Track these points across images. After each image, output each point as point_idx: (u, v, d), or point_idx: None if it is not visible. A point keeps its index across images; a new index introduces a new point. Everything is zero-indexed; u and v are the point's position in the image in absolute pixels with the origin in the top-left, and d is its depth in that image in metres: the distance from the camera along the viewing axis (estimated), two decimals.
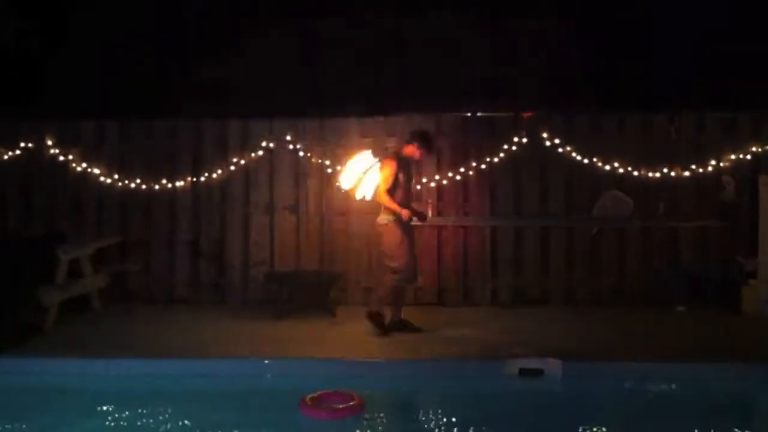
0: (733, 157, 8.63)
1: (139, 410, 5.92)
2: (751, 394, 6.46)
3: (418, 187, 8.76)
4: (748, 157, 8.63)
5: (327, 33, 10.27)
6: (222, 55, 10.10)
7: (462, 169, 8.81)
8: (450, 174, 8.81)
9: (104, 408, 5.97)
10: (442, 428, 5.71)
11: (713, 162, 8.64)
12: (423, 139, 7.58)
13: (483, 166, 8.77)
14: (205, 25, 10.08)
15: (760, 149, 8.62)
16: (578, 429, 5.56)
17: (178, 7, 10.24)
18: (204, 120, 9.06)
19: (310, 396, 5.70)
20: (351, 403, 5.65)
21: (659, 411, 6.02)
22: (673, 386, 6.34)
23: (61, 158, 8.97)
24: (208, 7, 10.22)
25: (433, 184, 8.77)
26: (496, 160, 8.76)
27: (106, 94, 9.82)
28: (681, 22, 9.67)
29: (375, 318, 7.52)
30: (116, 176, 8.96)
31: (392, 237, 7.41)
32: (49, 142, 8.98)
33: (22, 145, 9.00)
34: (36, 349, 7.04)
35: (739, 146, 8.64)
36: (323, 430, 5.60)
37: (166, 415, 5.81)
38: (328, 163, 8.82)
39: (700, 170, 8.65)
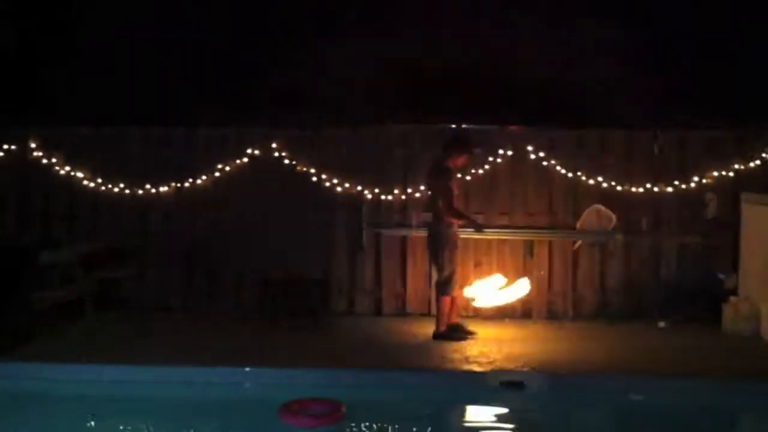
0: (715, 174, 8.74)
1: (131, 416, 5.96)
2: (731, 411, 6.52)
3: (403, 197, 8.85)
4: (731, 174, 8.74)
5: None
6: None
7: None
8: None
9: (96, 414, 6.00)
10: None
11: (696, 178, 8.75)
12: (462, 143, 7.87)
13: (468, 178, 8.86)
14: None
15: (742, 166, 8.73)
16: None
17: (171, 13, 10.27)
18: (198, 128, 9.13)
19: (290, 403, 5.75)
20: (331, 411, 5.72)
21: (639, 425, 6.10)
22: (653, 401, 6.40)
23: (54, 163, 9.01)
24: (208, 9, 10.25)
25: (418, 195, 8.84)
26: (480, 172, 8.85)
27: (104, 100, 9.86)
28: (663, 39, 9.77)
29: (445, 335, 7.72)
30: (110, 182, 9.01)
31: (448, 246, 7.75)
32: (35, 145, 9.02)
33: (14, 149, 9.05)
34: (28, 355, 7.09)
35: (722, 163, 8.75)
36: None
37: (157, 422, 5.85)
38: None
39: (683, 186, 8.76)
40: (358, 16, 10.19)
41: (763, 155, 8.71)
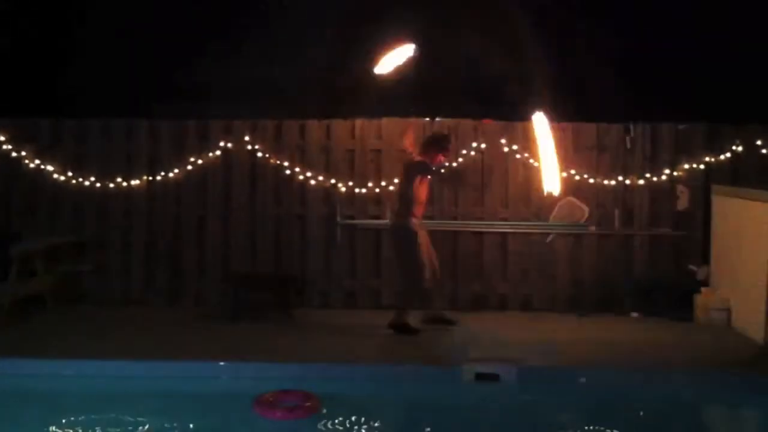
0: (686, 166, 8.79)
1: (93, 411, 5.84)
2: (702, 400, 6.58)
3: (377, 190, 8.79)
4: (702, 167, 8.79)
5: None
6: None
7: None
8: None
9: (57, 409, 5.88)
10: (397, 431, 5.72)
11: (667, 171, 8.79)
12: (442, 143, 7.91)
13: (443, 171, 8.81)
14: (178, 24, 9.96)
15: (713, 159, 8.78)
16: None
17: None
18: (161, 120, 8.97)
19: (264, 395, 5.69)
20: (306, 403, 5.66)
21: (612, 415, 6.10)
22: (626, 391, 6.41)
23: (15, 155, 8.82)
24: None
25: (392, 188, 8.78)
26: (455, 165, 8.82)
27: (65, 92, 9.66)
28: (636, 33, 9.80)
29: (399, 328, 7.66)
30: (71, 175, 8.83)
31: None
32: (2, 139, 8.82)
33: None
34: None
35: (693, 156, 8.80)
36: (278, 429, 5.58)
37: (120, 417, 5.73)
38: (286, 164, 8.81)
39: (654, 179, 8.80)
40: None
41: (734, 148, 8.77)
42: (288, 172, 8.83)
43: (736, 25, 9.32)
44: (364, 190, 8.84)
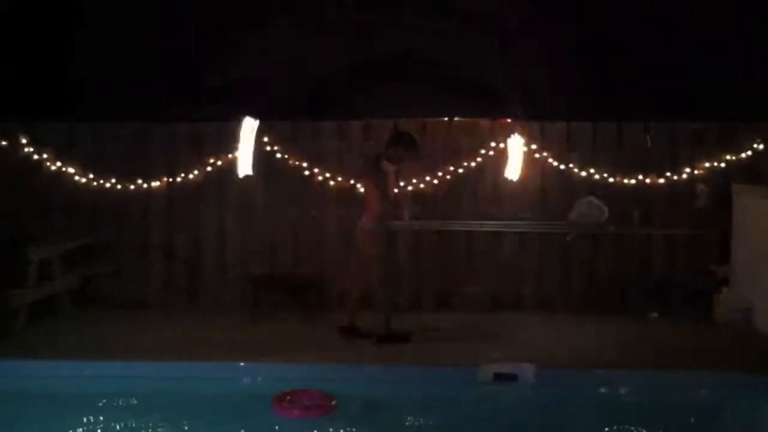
0: (706, 165, 8.72)
1: (112, 413, 5.87)
2: (723, 403, 6.51)
3: (395, 191, 8.75)
4: (722, 165, 8.72)
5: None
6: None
7: (440, 174, 8.82)
8: (427, 178, 8.81)
9: (76, 410, 5.91)
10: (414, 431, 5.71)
11: (687, 170, 8.72)
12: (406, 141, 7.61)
13: (461, 171, 8.80)
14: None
15: (733, 158, 8.71)
16: None
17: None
18: (179, 122, 9.01)
19: (282, 394, 5.71)
20: (323, 403, 5.68)
21: (632, 417, 6.05)
22: (645, 393, 6.37)
23: (33, 158, 8.87)
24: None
25: (410, 188, 8.77)
26: (473, 164, 8.79)
27: (80, 95, 9.70)
28: (655, 33, 9.73)
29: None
30: (89, 177, 8.88)
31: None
32: (23, 142, 8.88)
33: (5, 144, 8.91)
34: (5, 352, 6.92)
35: (713, 155, 8.73)
36: (296, 428, 5.58)
37: (140, 418, 5.76)
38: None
39: (674, 178, 8.73)
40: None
41: (754, 146, 8.69)
42: (306, 173, 8.84)
43: (758, 22, 9.24)
44: None
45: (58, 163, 8.88)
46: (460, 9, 9.67)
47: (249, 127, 7.87)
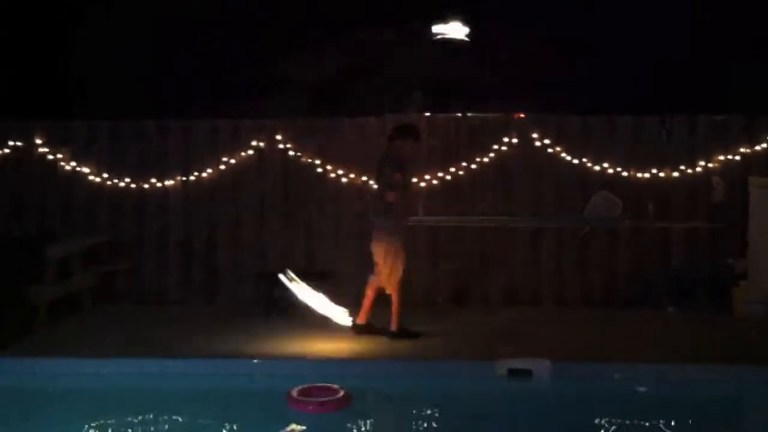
0: (722, 158, 8.66)
1: (131, 409, 5.91)
2: (741, 396, 6.48)
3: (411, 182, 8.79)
4: (738, 158, 8.65)
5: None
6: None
7: (452, 169, 8.82)
8: (440, 174, 8.81)
9: (96, 408, 5.95)
10: (431, 427, 5.71)
11: (703, 163, 8.66)
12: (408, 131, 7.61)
13: (473, 167, 8.79)
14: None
15: (749, 150, 8.64)
16: (567, 429, 5.56)
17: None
18: (194, 120, 9.05)
19: (297, 389, 5.74)
20: (338, 397, 5.70)
21: (648, 412, 6.03)
22: (662, 387, 6.34)
23: (50, 157, 8.95)
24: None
25: (423, 184, 8.77)
26: (486, 160, 8.78)
27: (99, 94, 9.79)
28: (671, 25, 9.69)
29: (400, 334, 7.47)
30: (106, 176, 8.94)
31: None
32: (39, 141, 8.96)
33: (11, 143, 8.97)
34: (26, 349, 7.00)
35: (729, 148, 8.67)
36: (310, 423, 5.60)
37: (159, 414, 5.80)
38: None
39: (690, 171, 8.68)
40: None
41: None
42: (320, 170, 8.86)
43: None
44: None
45: (73, 163, 8.94)
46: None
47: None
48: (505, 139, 8.78)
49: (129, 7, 10.39)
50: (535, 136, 8.75)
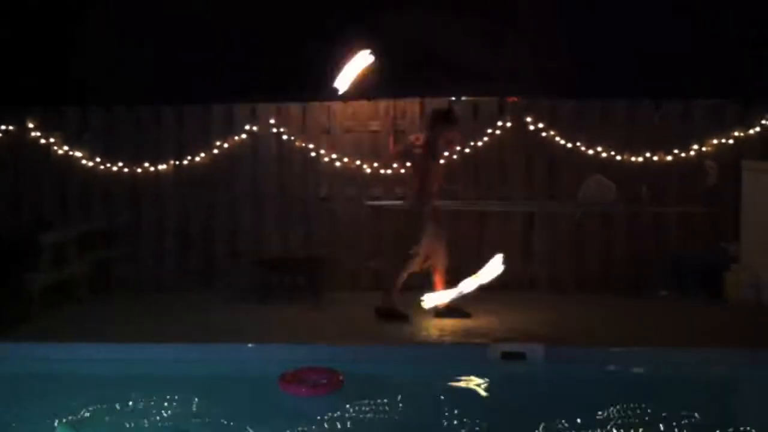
0: (715, 142, 8.67)
1: (129, 394, 5.91)
2: (734, 379, 6.50)
3: (402, 171, 8.79)
4: (731, 142, 8.66)
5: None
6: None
7: (446, 154, 8.80)
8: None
9: (92, 393, 5.95)
10: (424, 411, 5.73)
11: (696, 147, 8.67)
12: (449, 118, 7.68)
13: (467, 151, 8.79)
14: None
15: (742, 134, 8.65)
16: (560, 412, 5.58)
17: None
18: (186, 105, 9.03)
19: (290, 372, 5.76)
20: (330, 380, 5.73)
21: (641, 395, 6.04)
22: (654, 371, 6.37)
23: (43, 143, 8.92)
24: None
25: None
26: (480, 144, 8.78)
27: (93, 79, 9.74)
28: (665, 8, 9.67)
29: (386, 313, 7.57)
30: (99, 161, 8.93)
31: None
32: (31, 126, 8.92)
33: (3, 128, 8.95)
34: (21, 336, 7.01)
35: (722, 131, 8.67)
36: (303, 405, 5.63)
37: (154, 400, 5.80)
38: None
39: (683, 155, 8.69)
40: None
41: (763, 122, 8.63)
42: (313, 154, 8.85)
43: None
44: (389, 171, 8.83)
45: (65, 148, 8.92)
46: None
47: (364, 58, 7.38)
48: (499, 123, 8.77)
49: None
50: (528, 120, 8.75)
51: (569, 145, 8.71)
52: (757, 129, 8.63)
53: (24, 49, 10.34)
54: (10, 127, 8.95)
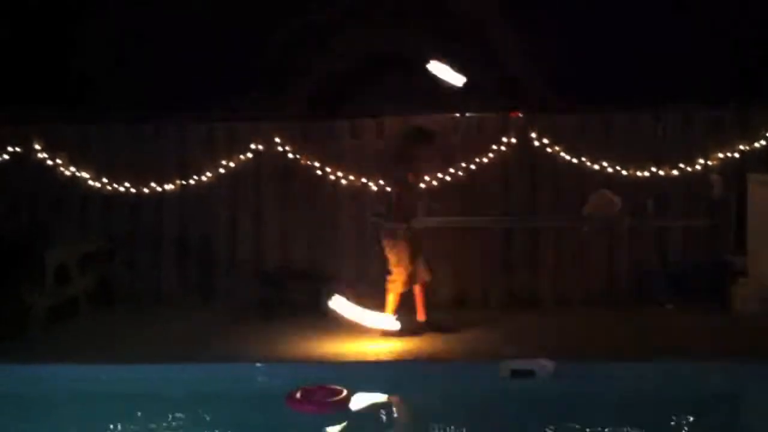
0: (720, 155, 8.66)
1: (132, 415, 5.89)
2: (741, 393, 6.48)
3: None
4: (736, 155, 8.65)
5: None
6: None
7: (451, 170, 8.80)
8: (439, 175, 8.79)
9: (94, 413, 5.93)
10: (433, 428, 5.71)
11: (701, 160, 8.66)
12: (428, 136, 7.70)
13: (472, 167, 8.78)
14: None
15: (747, 147, 8.64)
16: (570, 429, 5.56)
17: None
18: (189, 122, 9.03)
19: (296, 390, 5.73)
20: (338, 397, 5.70)
21: (650, 410, 6.03)
22: (664, 386, 6.33)
23: (45, 157, 8.91)
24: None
25: (422, 185, 8.74)
26: (485, 160, 8.77)
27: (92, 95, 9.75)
28: (667, 19, 9.68)
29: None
30: (103, 180, 8.92)
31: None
32: (39, 147, 8.93)
33: (9, 149, 8.94)
34: (22, 355, 6.94)
35: (727, 144, 8.66)
36: (310, 423, 5.61)
37: (157, 419, 5.79)
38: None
39: (688, 169, 8.67)
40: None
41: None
42: (319, 172, 8.84)
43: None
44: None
45: (72, 168, 8.91)
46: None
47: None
48: (503, 139, 8.76)
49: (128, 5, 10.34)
50: (533, 135, 8.74)
51: (574, 159, 8.69)
52: (762, 142, 8.61)
53: (24, 50, 10.34)
54: (17, 148, 8.93)
